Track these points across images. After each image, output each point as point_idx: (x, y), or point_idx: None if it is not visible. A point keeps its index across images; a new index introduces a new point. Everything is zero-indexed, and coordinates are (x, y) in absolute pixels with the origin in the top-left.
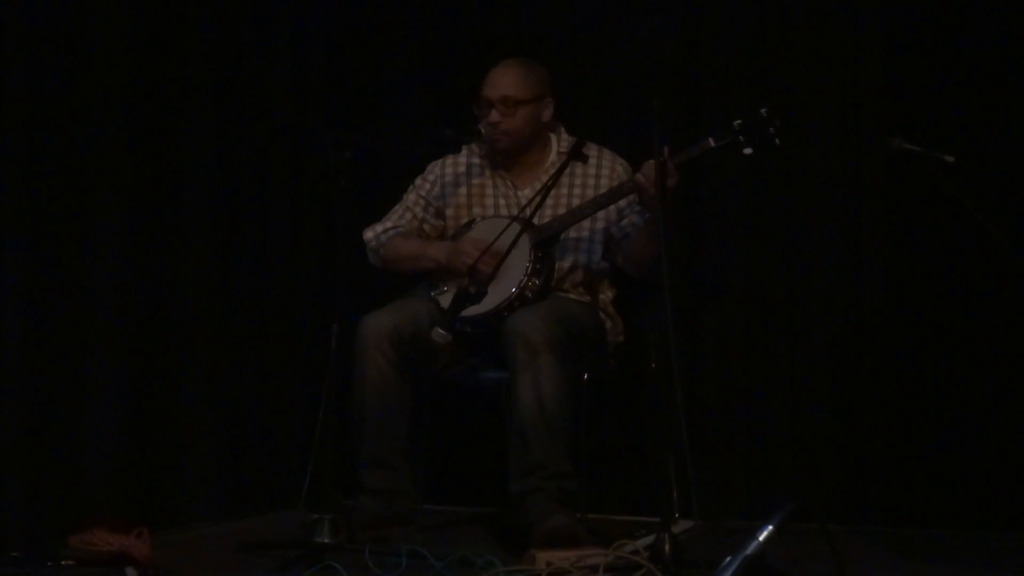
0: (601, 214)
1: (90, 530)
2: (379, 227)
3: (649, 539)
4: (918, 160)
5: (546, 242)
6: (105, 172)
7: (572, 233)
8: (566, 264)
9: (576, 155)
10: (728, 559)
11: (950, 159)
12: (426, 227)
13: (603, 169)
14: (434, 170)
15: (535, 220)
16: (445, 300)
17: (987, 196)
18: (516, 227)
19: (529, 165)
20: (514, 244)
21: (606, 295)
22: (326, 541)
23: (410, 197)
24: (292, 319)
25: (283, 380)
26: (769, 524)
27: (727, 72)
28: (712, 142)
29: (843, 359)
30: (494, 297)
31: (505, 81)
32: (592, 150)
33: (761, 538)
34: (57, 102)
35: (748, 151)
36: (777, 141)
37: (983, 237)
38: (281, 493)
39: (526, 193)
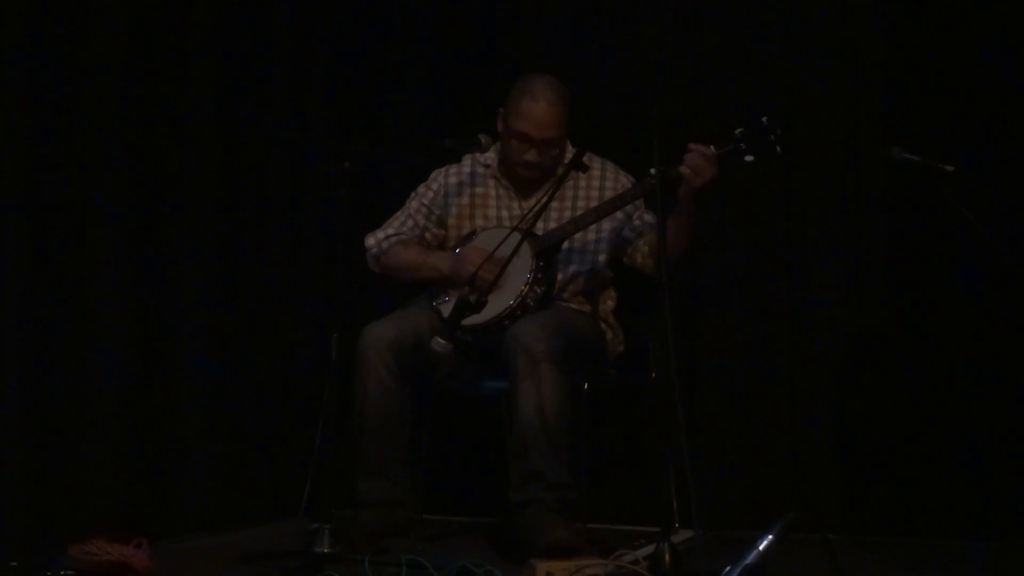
0: (606, 223)
1: (90, 540)
2: (380, 233)
3: (649, 549)
4: (918, 169)
5: (548, 251)
6: (105, 180)
7: (575, 242)
8: (568, 273)
9: (577, 165)
10: (728, 569)
11: (949, 168)
12: (427, 235)
13: (607, 180)
14: (438, 178)
15: (538, 230)
16: (447, 310)
17: (986, 205)
18: (518, 236)
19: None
20: (515, 253)
21: (607, 305)
22: (326, 551)
23: (412, 204)
24: (292, 329)
25: (283, 390)
26: (769, 534)
27: (728, 81)
28: (714, 149)
29: (843, 369)
30: (495, 306)
31: (549, 122)
32: (595, 162)
33: (761, 548)
34: (57, 103)
35: (749, 159)
36: (778, 149)
37: (983, 246)
38: (281, 503)
39: (529, 203)
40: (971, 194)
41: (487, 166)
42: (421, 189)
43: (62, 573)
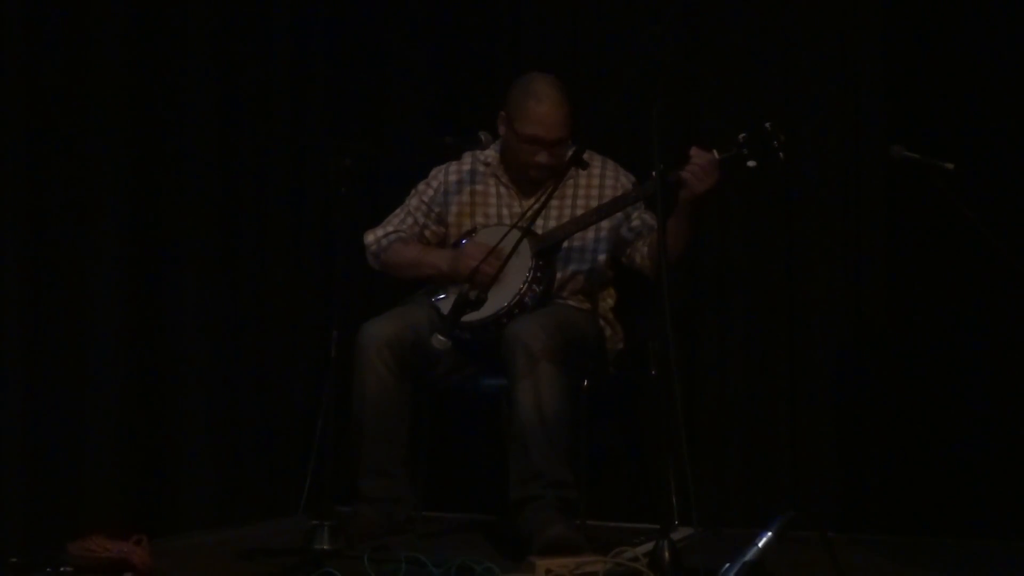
0: (605, 222)
1: (89, 537)
2: (380, 231)
3: (648, 546)
4: (918, 168)
5: (548, 250)
6: (104, 178)
7: (574, 241)
8: (567, 271)
9: (576, 162)
10: (727, 566)
11: (950, 166)
12: (427, 233)
13: (607, 179)
14: (438, 175)
15: (538, 228)
16: (446, 306)
17: (987, 203)
18: (517, 234)
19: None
20: (515, 250)
21: (606, 303)
22: (325, 548)
23: (412, 202)
24: (292, 326)
25: (282, 387)
26: (768, 531)
27: (728, 83)
28: (716, 154)
29: (843, 367)
30: (494, 303)
31: (558, 122)
32: (595, 160)
33: (760, 545)
34: (57, 104)
35: (752, 164)
36: (781, 155)
37: (983, 244)
38: (280, 500)
39: (529, 202)
40: (972, 192)
41: (487, 164)
42: (421, 186)
43: (61, 570)
